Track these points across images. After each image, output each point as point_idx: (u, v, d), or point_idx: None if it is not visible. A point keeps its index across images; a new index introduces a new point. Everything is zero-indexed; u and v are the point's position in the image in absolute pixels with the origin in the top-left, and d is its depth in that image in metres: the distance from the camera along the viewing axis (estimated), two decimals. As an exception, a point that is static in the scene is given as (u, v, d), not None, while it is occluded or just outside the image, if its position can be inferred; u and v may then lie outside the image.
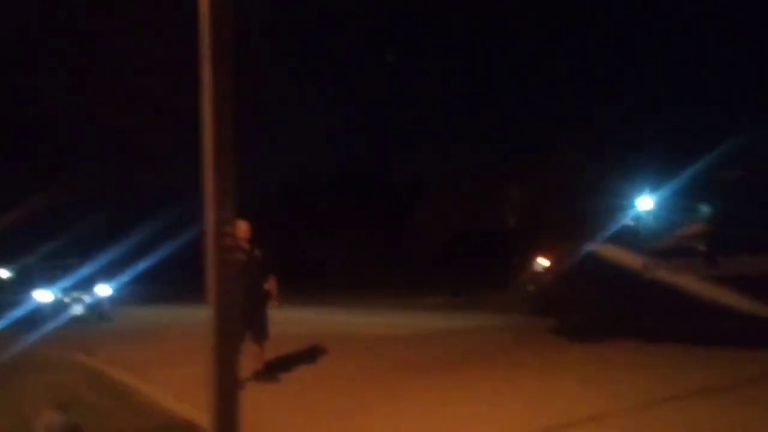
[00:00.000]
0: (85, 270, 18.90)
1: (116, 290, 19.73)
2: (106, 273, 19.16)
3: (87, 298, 18.78)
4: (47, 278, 18.87)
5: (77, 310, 18.47)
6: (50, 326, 16.20)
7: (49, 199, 23.81)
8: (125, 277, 18.92)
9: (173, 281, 23.02)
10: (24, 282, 20.26)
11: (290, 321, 11.69)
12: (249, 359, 7.72)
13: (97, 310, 18.82)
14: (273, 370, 8.05)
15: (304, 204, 30.18)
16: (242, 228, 7.62)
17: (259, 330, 7.70)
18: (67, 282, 18.63)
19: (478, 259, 18.67)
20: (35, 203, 23.09)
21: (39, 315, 17.87)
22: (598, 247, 8.89)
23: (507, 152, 25.31)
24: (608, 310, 8.55)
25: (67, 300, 18.57)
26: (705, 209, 8.34)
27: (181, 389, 7.00)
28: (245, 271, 7.50)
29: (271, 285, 7.80)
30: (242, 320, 7.54)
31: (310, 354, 9.39)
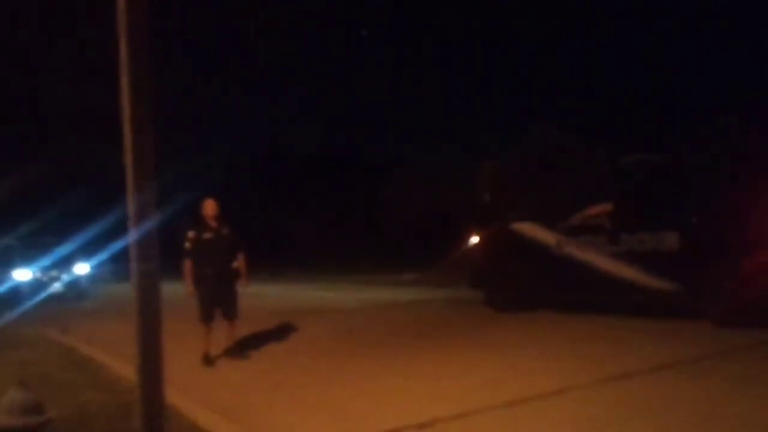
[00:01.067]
0: (64, 248, 18.88)
1: (94, 268, 19.74)
2: (84, 251, 19.16)
3: (65, 277, 18.81)
4: (26, 257, 18.85)
5: (55, 288, 18.50)
6: (29, 305, 16.21)
7: (27, 178, 23.64)
8: (103, 255, 18.89)
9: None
10: (3, 261, 20.22)
11: (262, 296, 11.82)
12: (220, 337, 7.84)
13: (75, 288, 18.87)
14: (243, 347, 8.14)
15: (279, 181, 30.18)
16: (210, 206, 7.68)
17: (228, 308, 7.77)
18: (45, 261, 18.62)
19: (452, 236, 18.85)
20: (14, 182, 22.91)
21: (18, 294, 17.88)
22: (518, 225, 9.59)
23: (483, 131, 25.54)
24: (530, 284, 9.27)
25: (45, 278, 18.59)
26: None
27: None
28: (213, 250, 7.60)
29: (240, 263, 7.85)
30: (212, 298, 7.66)
31: (281, 330, 9.49)
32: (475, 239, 10.45)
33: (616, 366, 6.07)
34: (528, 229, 9.44)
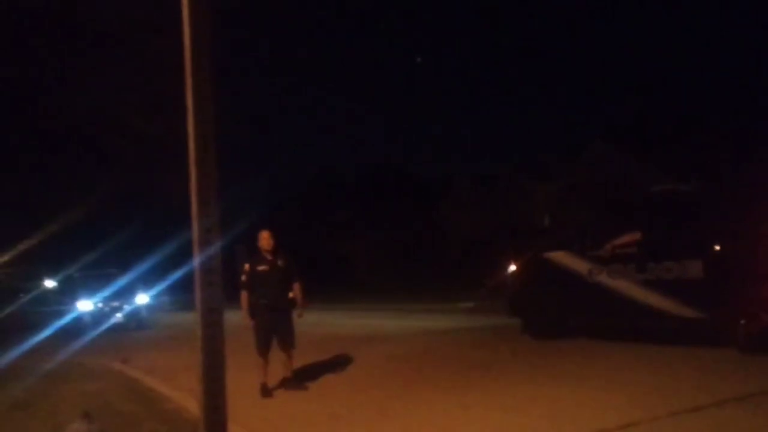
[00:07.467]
0: (125, 279, 19.38)
1: (154, 298, 20.18)
2: (144, 282, 19.60)
3: (126, 307, 19.25)
4: (88, 288, 19.40)
5: (116, 318, 18.95)
6: (90, 335, 16.64)
7: (89, 209, 24.36)
8: (163, 285, 19.28)
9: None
10: (67, 292, 20.89)
11: (317, 324, 11.83)
12: (277, 367, 7.85)
13: (135, 318, 19.27)
14: (301, 377, 8.11)
15: (332, 205, 30.36)
16: (265, 238, 7.74)
17: (285, 338, 7.77)
18: (107, 291, 19.11)
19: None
20: (76, 214, 23.64)
21: (80, 324, 18.40)
22: (551, 253, 9.74)
23: (539, 151, 25.36)
24: (564, 311, 9.39)
25: (107, 309, 19.06)
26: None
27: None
28: (268, 281, 7.65)
29: (296, 293, 7.87)
30: (268, 329, 7.69)
31: (338, 359, 9.44)
32: (512, 267, 10.52)
33: (680, 398, 5.81)
34: (560, 257, 9.55)
